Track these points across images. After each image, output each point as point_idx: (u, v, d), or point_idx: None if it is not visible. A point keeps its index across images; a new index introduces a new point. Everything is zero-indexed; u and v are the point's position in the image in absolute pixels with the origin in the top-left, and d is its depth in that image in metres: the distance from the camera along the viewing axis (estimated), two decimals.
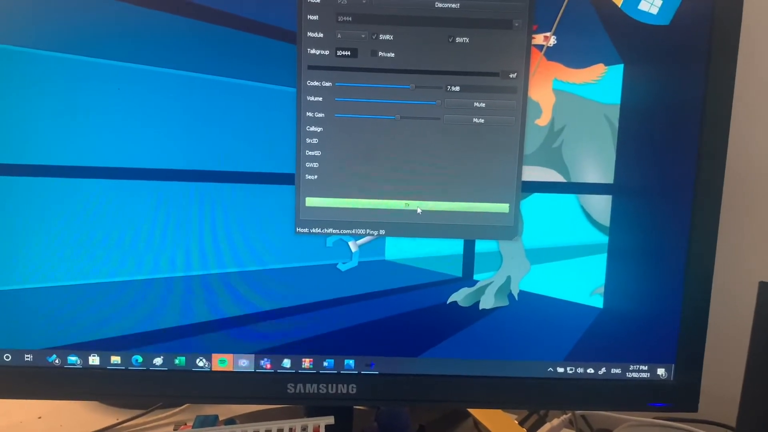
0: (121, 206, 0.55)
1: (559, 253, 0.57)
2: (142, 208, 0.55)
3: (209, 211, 0.55)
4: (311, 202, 0.55)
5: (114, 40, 0.53)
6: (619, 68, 0.55)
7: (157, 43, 0.53)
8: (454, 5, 0.53)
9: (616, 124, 0.55)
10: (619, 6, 0.54)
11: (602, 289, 0.57)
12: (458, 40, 0.54)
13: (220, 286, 0.56)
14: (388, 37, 0.54)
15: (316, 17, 0.53)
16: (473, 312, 0.57)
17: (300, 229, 0.56)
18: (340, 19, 0.53)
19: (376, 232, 0.56)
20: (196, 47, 0.53)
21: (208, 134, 0.54)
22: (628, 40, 0.54)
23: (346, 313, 0.57)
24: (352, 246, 0.56)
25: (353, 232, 0.56)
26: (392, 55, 0.54)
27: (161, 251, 0.55)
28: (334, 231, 0.56)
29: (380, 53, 0.54)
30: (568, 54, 0.55)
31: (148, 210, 0.55)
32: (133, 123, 0.54)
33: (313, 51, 0.54)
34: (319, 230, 0.56)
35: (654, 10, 0.54)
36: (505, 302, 0.58)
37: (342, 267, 0.56)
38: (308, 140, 0.55)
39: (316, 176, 0.55)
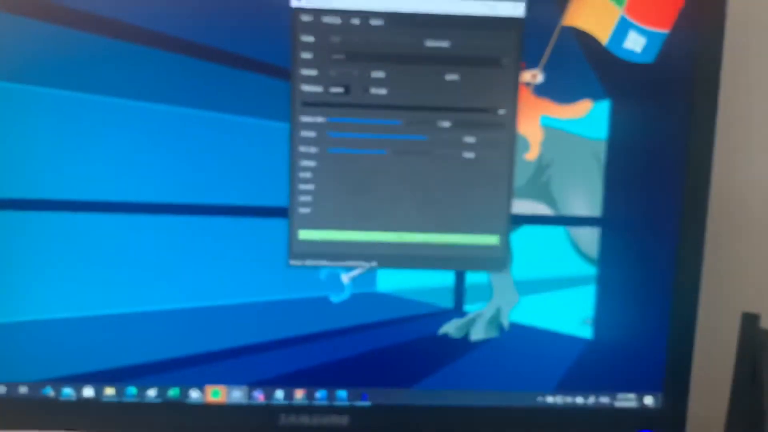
0: (114, 239, 0.55)
1: (548, 285, 0.58)
2: (136, 241, 0.55)
3: (203, 244, 0.56)
4: (304, 234, 0.56)
5: (112, 77, 0.53)
6: (606, 104, 0.56)
7: (153, 79, 0.54)
8: (444, 44, 0.55)
9: (603, 159, 0.57)
10: (604, 45, 0.56)
11: (591, 320, 0.58)
12: (448, 77, 0.55)
13: (213, 318, 0.57)
14: (380, 74, 0.55)
15: (310, 55, 0.55)
16: (464, 343, 0.58)
17: (293, 261, 0.56)
18: (334, 56, 0.55)
19: (368, 264, 0.57)
20: (192, 84, 0.54)
21: (202, 168, 0.55)
22: (614, 78, 0.56)
23: (339, 344, 0.58)
24: (345, 278, 0.57)
25: (346, 263, 0.57)
26: (384, 91, 0.55)
27: (155, 284, 0.56)
28: (326, 263, 0.57)
29: (372, 90, 0.55)
30: (555, 90, 0.56)
31: (141, 243, 0.55)
32: (129, 158, 0.54)
33: (306, 87, 0.55)
34: (312, 262, 0.57)
35: (638, 49, 0.56)
36: (495, 333, 0.58)
37: (334, 299, 0.57)
38: (302, 174, 0.56)
39: (309, 209, 0.56)
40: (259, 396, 0.58)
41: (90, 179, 0.55)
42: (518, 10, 0.55)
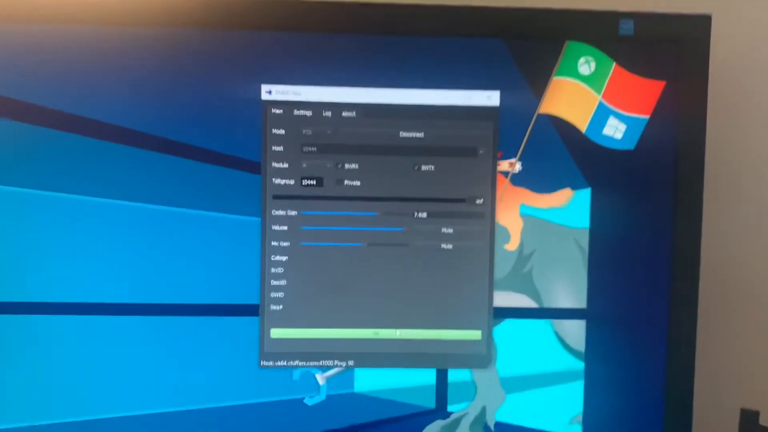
0: (77, 343, 0.53)
1: (534, 381, 0.55)
2: (103, 344, 0.53)
3: (171, 346, 0.53)
4: (276, 333, 0.54)
5: (78, 175, 0.52)
6: (587, 192, 0.55)
7: (118, 176, 0.52)
8: (418, 134, 0.53)
9: (586, 248, 0.55)
10: (583, 132, 0.54)
11: (581, 418, 0.55)
12: (424, 167, 0.54)
13: (183, 424, 0.53)
14: (353, 165, 0.53)
15: (281, 148, 0.53)
16: None
17: (265, 363, 0.54)
18: (305, 149, 0.53)
19: (344, 363, 0.54)
20: (161, 180, 0.52)
21: (171, 267, 0.53)
22: (594, 165, 0.54)
23: None
24: (320, 378, 0.54)
25: (320, 363, 0.54)
26: (358, 183, 0.54)
27: (120, 388, 0.53)
28: (300, 363, 0.54)
29: (346, 181, 0.54)
30: (533, 179, 0.54)
31: (108, 346, 0.53)
32: (95, 257, 0.52)
33: (278, 181, 0.53)
34: (285, 363, 0.54)
35: (618, 135, 0.54)
36: None
37: (309, 401, 0.54)
38: (273, 269, 0.53)
39: (281, 306, 0.54)
40: None
41: (53, 280, 0.52)
42: (493, 100, 0.53)
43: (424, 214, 0.54)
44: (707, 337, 0.56)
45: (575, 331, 0.55)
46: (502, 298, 0.55)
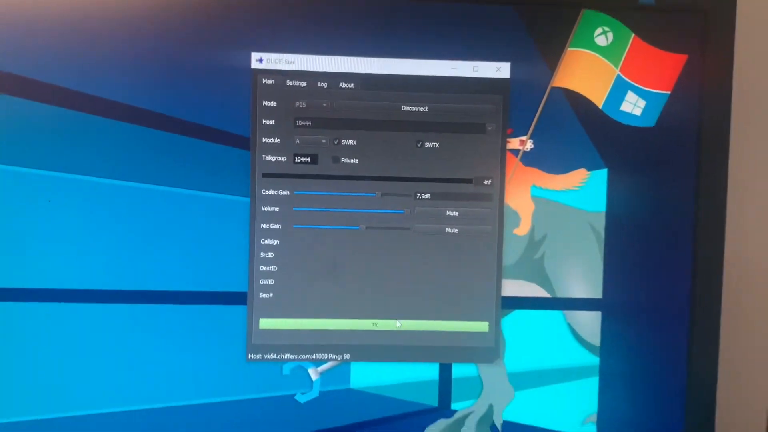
0: (54, 332, 0.48)
1: (545, 377, 0.51)
2: (79, 333, 0.48)
3: (150, 338, 0.49)
4: (265, 323, 0.49)
5: (44, 148, 0.47)
6: (603, 173, 0.51)
7: (91, 150, 0.48)
8: (422, 108, 0.49)
9: (603, 233, 0.51)
10: (600, 107, 0.50)
11: (595, 417, 0.51)
12: (427, 144, 0.49)
13: (164, 421, 0.49)
14: (351, 142, 0.49)
15: (272, 122, 0.49)
16: None
17: (252, 356, 0.49)
18: (299, 123, 0.49)
19: (339, 357, 0.50)
20: (140, 155, 0.48)
21: (149, 250, 0.48)
22: (612, 143, 0.50)
23: None
24: (313, 373, 0.50)
25: (314, 357, 0.50)
26: (356, 161, 0.49)
27: (91, 383, 0.49)
28: (291, 356, 0.49)
29: (343, 159, 0.49)
30: (546, 159, 0.50)
31: (77, 337, 0.48)
32: (63, 238, 0.48)
33: (268, 158, 0.49)
34: (275, 356, 0.49)
35: (637, 112, 0.50)
36: None
37: (301, 398, 0.50)
38: (263, 254, 0.49)
39: (271, 294, 0.49)
40: None
41: (34, 266, 0.48)
42: (503, 72, 0.49)
43: (428, 196, 0.50)
44: (733, 331, 0.52)
45: (590, 323, 0.51)
46: (511, 287, 0.50)
